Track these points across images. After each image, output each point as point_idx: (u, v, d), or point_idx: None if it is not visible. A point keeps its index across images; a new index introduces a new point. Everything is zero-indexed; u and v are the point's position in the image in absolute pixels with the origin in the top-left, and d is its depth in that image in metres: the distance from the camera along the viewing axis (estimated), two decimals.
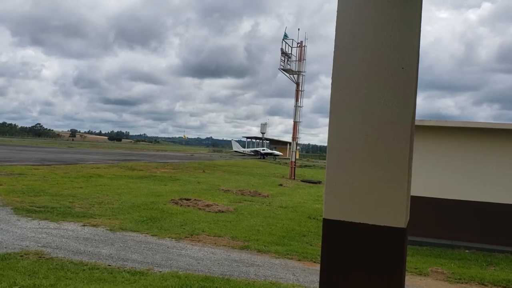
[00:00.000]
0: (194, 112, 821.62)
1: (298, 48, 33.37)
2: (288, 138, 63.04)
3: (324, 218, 2.20)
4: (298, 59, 33.31)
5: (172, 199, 13.60)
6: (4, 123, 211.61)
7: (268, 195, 17.98)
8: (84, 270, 6.00)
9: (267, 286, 6.00)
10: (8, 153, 34.36)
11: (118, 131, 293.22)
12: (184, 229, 9.53)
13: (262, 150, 74.54)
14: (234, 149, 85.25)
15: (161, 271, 6.27)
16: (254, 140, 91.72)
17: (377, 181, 2.08)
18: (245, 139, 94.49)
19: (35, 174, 17.99)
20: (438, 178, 9.93)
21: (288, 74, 33.29)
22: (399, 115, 2.07)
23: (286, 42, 32.49)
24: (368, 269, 2.08)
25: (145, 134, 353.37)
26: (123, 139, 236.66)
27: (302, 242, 9.32)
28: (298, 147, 52.22)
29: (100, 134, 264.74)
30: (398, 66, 2.09)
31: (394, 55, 2.10)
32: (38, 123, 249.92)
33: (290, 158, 36.49)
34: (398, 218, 2.04)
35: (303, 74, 33.48)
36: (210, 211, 12.21)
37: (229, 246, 8.32)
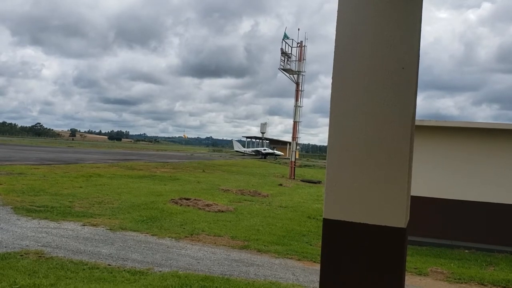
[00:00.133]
0: (194, 111, 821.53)
1: (298, 48, 33.41)
2: (288, 138, 63.12)
3: (324, 218, 2.20)
4: (298, 59, 33.33)
5: (172, 199, 13.60)
6: (4, 123, 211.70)
7: (268, 195, 17.98)
8: (84, 269, 6.00)
9: (267, 285, 6.00)
10: (8, 152, 34.35)
11: (118, 131, 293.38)
12: (184, 228, 9.54)
13: (264, 150, 74.49)
14: (235, 149, 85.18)
15: (161, 271, 6.28)
16: (253, 140, 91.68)
17: (377, 181, 2.08)
18: (244, 139, 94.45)
19: (35, 173, 17.99)
20: (438, 178, 9.94)
21: (288, 74, 33.31)
22: (400, 115, 2.07)
23: (286, 42, 32.53)
24: (368, 269, 2.09)
25: (145, 134, 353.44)
26: (123, 139, 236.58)
27: (302, 242, 9.32)
28: (298, 147, 52.23)
29: (100, 133, 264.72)
30: (398, 66, 2.09)
31: (394, 55, 2.10)
32: (38, 123, 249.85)
33: (290, 158, 36.52)
34: (398, 218, 2.04)
35: (303, 74, 33.54)
36: (210, 211, 12.21)
37: (229, 246, 8.33)
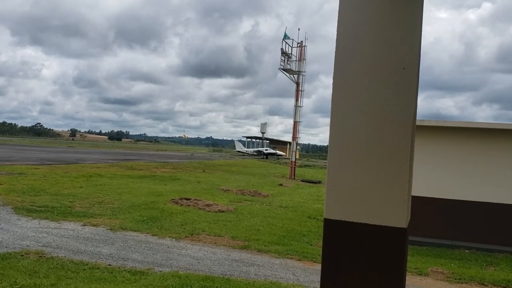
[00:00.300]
0: (194, 111, 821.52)
1: (298, 48, 33.40)
2: (288, 138, 63.13)
3: (325, 218, 2.20)
4: (298, 59, 33.32)
5: (172, 199, 13.60)
6: (4, 123, 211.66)
7: (268, 195, 17.98)
8: (84, 269, 6.00)
9: (267, 285, 6.00)
10: (8, 152, 34.36)
11: (118, 131, 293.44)
12: (184, 228, 9.54)
13: (265, 150, 74.51)
14: (237, 149, 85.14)
15: (161, 271, 6.28)
16: (254, 140, 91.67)
17: (378, 181, 2.08)
18: (245, 139, 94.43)
19: (35, 173, 17.99)
20: (438, 178, 9.93)
21: (288, 74, 33.30)
22: (400, 115, 2.07)
23: (286, 42, 32.52)
24: (369, 269, 2.09)
25: (145, 134, 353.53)
26: (123, 139, 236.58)
27: (302, 242, 9.32)
28: (298, 147, 52.22)
29: (100, 133, 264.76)
30: (399, 66, 2.09)
31: (395, 55, 2.10)
32: (38, 123, 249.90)
33: (290, 158, 36.53)
34: (399, 218, 2.04)
35: (303, 74, 33.53)
36: (210, 211, 12.21)
37: (229, 246, 8.33)
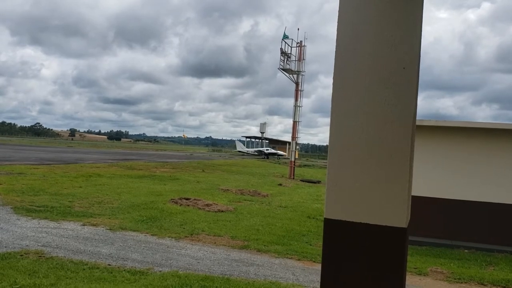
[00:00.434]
0: (194, 111, 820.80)
1: (298, 48, 33.39)
2: (287, 137, 63.15)
3: (325, 218, 2.20)
4: (297, 59, 33.32)
5: (171, 199, 13.60)
6: (3, 123, 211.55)
7: (267, 195, 17.98)
8: (84, 269, 6.00)
9: (267, 285, 6.00)
10: (7, 152, 34.34)
11: (118, 131, 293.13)
12: (183, 228, 9.54)
13: (266, 150, 74.53)
14: (238, 149, 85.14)
15: (161, 271, 6.28)
16: (253, 140, 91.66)
17: (378, 180, 2.08)
18: (244, 139, 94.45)
19: (35, 173, 17.98)
20: (438, 178, 9.94)
21: (287, 74, 33.30)
22: (400, 115, 2.07)
23: (286, 42, 32.51)
24: (369, 268, 2.09)
25: (144, 134, 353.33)
26: (123, 139, 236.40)
27: (301, 241, 9.33)
28: (298, 147, 52.24)
29: (99, 133, 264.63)
30: (399, 66, 2.09)
31: (395, 55, 2.10)
32: (38, 123, 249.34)
33: (289, 158, 36.54)
34: (399, 218, 2.04)
35: (303, 74, 33.53)
36: (209, 211, 12.21)
37: (228, 246, 8.33)
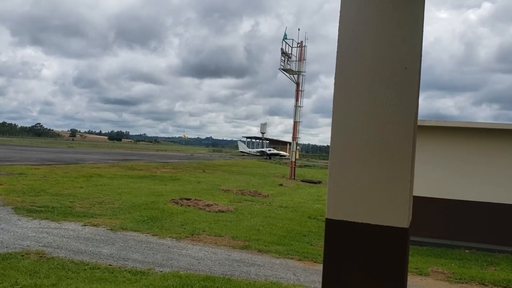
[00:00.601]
0: (194, 112, 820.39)
1: (298, 48, 33.37)
2: (288, 138, 63.13)
3: (326, 218, 2.20)
4: (298, 59, 33.31)
5: (172, 199, 13.60)
6: (4, 123, 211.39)
7: (268, 195, 17.98)
8: (85, 269, 6.00)
9: (268, 286, 6.00)
10: (8, 152, 34.35)
11: (118, 131, 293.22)
12: (184, 229, 9.54)
13: (269, 150, 74.47)
14: (240, 149, 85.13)
15: (162, 271, 6.28)
16: (254, 140, 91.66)
17: (379, 181, 2.08)
18: (245, 139, 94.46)
19: (36, 174, 17.99)
20: (438, 178, 9.93)
21: (288, 74, 33.29)
22: (402, 115, 2.08)
23: (286, 42, 32.50)
24: (370, 269, 2.09)
25: (145, 134, 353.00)
26: (123, 139, 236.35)
27: (302, 242, 9.32)
28: (298, 147, 52.23)
29: (100, 134, 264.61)
30: (400, 66, 2.09)
31: (396, 56, 2.10)
32: (38, 123, 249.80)
33: (290, 158, 36.54)
34: (401, 218, 2.04)
35: (303, 74, 33.52)
36: (210, 211, 12.21)
37: (229, 246, 8.33)
